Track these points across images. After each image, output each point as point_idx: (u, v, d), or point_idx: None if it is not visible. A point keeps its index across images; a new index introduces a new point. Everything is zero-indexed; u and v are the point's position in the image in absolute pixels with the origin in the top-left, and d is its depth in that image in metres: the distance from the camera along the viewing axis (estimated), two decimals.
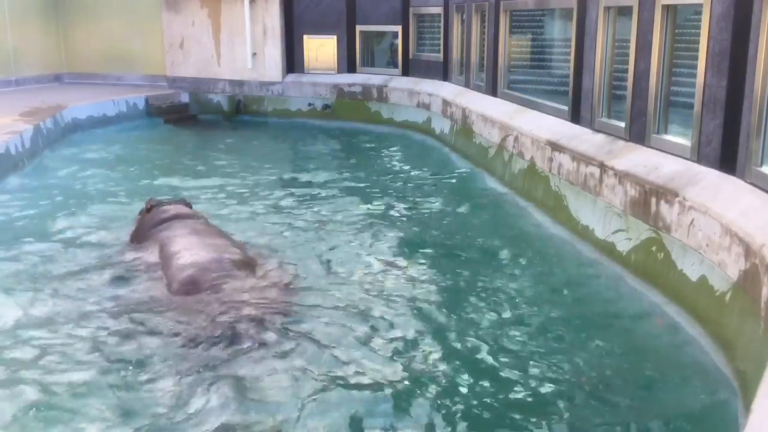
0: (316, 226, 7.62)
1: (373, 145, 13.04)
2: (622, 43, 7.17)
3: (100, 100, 14.88)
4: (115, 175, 10.32)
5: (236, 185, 9.74)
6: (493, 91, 10.95)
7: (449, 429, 3.92)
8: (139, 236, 6.75)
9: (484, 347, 4.83)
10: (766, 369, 3.08)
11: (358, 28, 15.61)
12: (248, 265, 5.94)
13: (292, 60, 16.10)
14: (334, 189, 9.59)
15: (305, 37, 15.91)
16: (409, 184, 9.96)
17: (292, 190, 9.54)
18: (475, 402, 4.18)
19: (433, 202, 8.94)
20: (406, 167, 11.17)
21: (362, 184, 9.91)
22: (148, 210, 7.01)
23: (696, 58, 5.71)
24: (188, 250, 5.92)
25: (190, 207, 7.36)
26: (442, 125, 12.81)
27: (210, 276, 5.52)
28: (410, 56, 15.03)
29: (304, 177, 10.46)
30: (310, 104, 15.69)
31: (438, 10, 13.81)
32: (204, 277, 5.51)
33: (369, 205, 8.63)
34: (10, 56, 16.99)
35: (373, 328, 5.07)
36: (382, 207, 8.58)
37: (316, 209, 8.38)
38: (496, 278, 6.19)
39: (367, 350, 4.75)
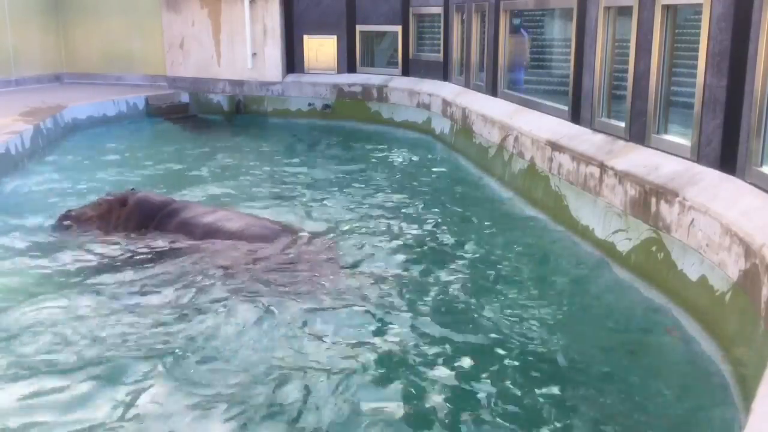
0: (316, 223, 7.63)
1: (373, 145, 13.02)
2: (622, 43, 7.18)
3: (100, 100, 14.88)
4: (116, 174, 10.31)
5: (236, 184, 9.74)
6: (493, 91, 10.96)
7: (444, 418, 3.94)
8: (141, 225, 6.98)
9: (482, 347, 4.83)
10: (766, 369, 3.08)
11: (358, 28, 15.61)
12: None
13: (292, 60, 16.11)
14: (333, 187, 9.57)
15: (305, 37, 15.92)
16: (408, 184, 9.94)
17: (292, 189, 9.54)
18: (472, 402, 4.18)
19: (431, 202, 8.92)
20: (406, 167, 11.17)
21: (362, 184, 9.90)
22: (123, 203, 7.07)
23: (696, 58, 5.71)
24: (232, 220, 6.82)
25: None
26: (442, 125, 12.81)
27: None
28: (410, 56, 15.03)
29: (303, 176, 10.45)
30: (310, 104, 15.69)
31: (438, 10, 13.82)
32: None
33: (368, 204, 8.63)
34: (10, 56, 16.99)
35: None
36: (381, 206, 8.57)
37: (315, 207, 8.38)
38: (495, 278, 6.18)
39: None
